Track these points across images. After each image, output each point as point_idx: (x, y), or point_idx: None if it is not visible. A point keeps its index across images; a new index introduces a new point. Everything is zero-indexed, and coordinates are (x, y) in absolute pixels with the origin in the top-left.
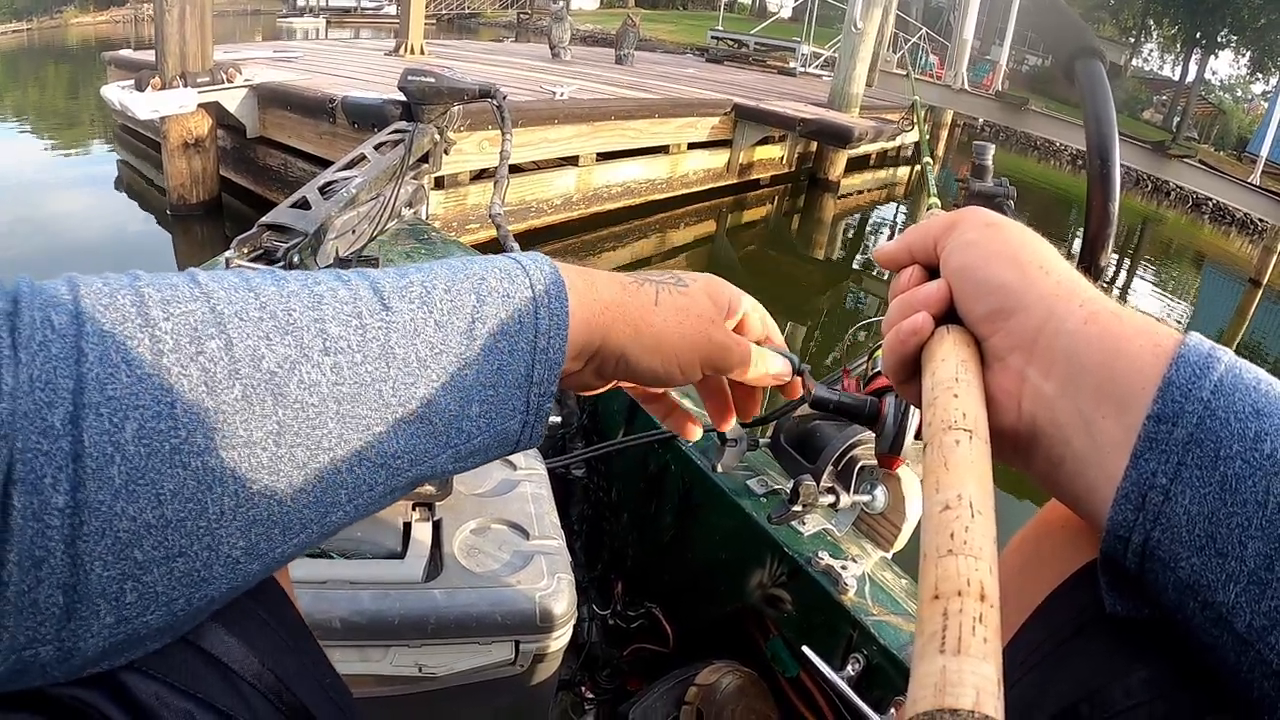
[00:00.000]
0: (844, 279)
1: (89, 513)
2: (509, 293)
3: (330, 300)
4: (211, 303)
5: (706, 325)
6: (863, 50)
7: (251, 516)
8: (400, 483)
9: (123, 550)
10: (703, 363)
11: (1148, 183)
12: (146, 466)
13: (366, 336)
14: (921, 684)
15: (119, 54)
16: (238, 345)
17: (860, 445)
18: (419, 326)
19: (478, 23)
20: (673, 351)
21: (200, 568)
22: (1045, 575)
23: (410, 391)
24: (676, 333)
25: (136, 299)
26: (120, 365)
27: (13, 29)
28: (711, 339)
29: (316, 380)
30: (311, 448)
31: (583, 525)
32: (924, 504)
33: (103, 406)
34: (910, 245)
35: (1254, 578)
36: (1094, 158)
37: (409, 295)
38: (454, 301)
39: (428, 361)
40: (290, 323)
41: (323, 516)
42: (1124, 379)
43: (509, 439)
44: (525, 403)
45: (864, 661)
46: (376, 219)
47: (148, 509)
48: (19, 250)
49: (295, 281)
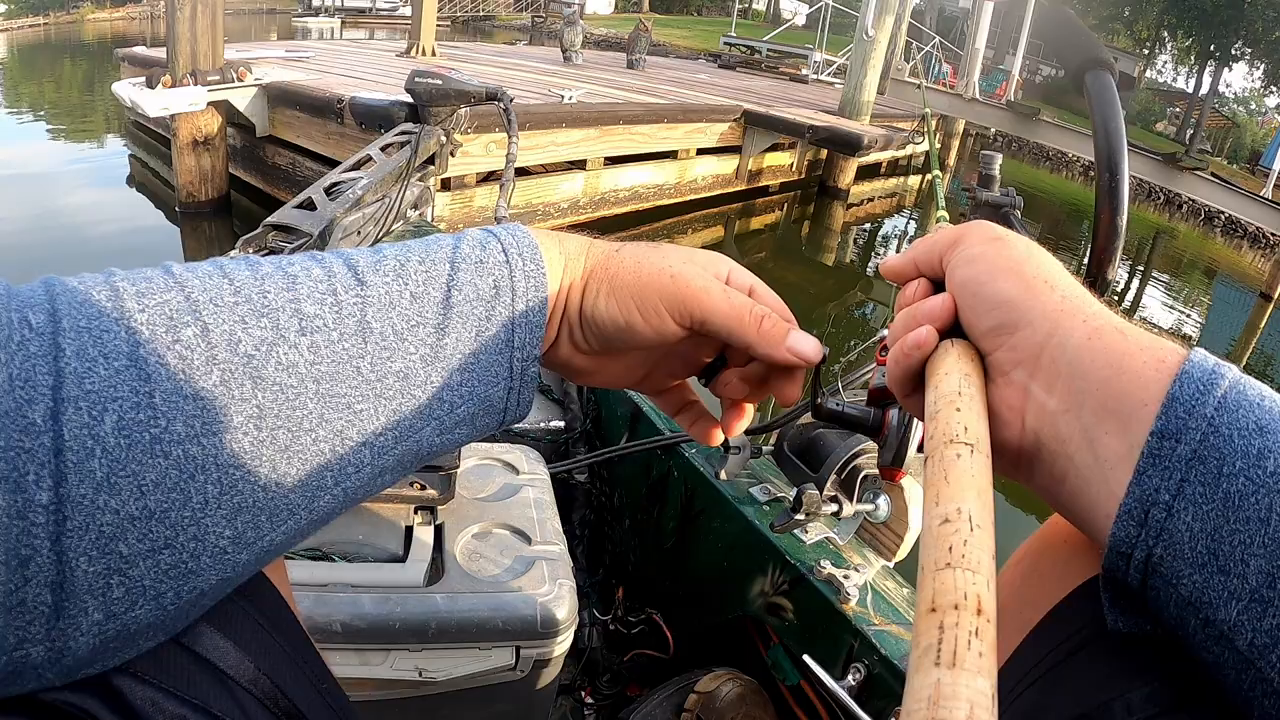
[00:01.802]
0: (853, 287)
1: (72, 507)
2: (482, 259)
3: (305, 280)
4: (186, 291)
5: (667, 264)
6: (874, 58)
7: (236, 504)
8: (388, 461)
9: (107, 544)
10: (666, 303)
11: (1160, 195)
12: (127, 458)
13: (342, 313)
14: (915, 697)
15: (132, 51)
16: (214, 331)
17: (864, 454)
18: (394, 299)
19: (492, 25)
20: (628, 293)
21: (187, 559)
22: (1047, 590)
23: (388, 365)
24: (633, 273)
25: (112, 293)
26: (98, 359)
27: (30, 24)
28: (673, 276)
29: (294, 360)
30: (293, 429)
31: (584, 530)
32: (924, 517)
33: (81, 400)
34: (916, 259)
35: (1256, 595)
36: (1102, 171)
37: (383, 269)
38: (428, 272)
39: (405, 334)
40: (265, 305)
41: (310, 501)
42: (1128, 395)
43: (495, 407)
44: (508, 368)
45: (865, 671)
46: (382, 220)
47: (130, 501)
48: (31, 244)
49: (269, 264)
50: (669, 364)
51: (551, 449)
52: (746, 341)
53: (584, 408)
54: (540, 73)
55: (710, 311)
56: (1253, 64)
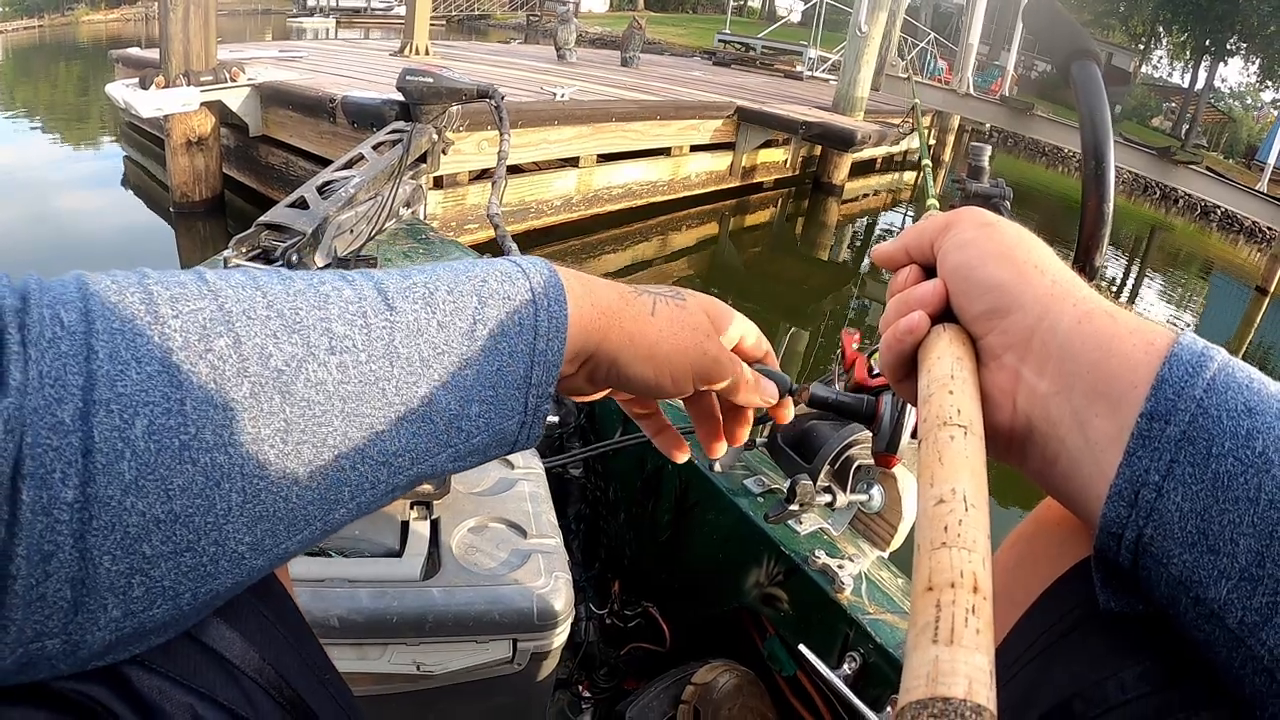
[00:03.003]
0: (847, 283)
1: (99, 507)
2: (509, 295)
3: (336, 300)
4: (219, 300)
5: (701, 338)
6: (867, 54)
7: (258, 512)
8: (400, 481)
9: (131, 545)
10: (695, 374)
11: (1156, 190)
12: (156, 462)
13: (371, 336)
14: (914, 673)
15: (127, 52)
16: (246, 343)
17: (857, 445)
18: (422, 327)
19: (487, 24)
20: (665, 361)
21: (207, 562)
22: (1040, 572)
23: (413, 391)
24: (670, 342)
25: (145, 296)
26: (130, 362)
27: (25, 26)
28: (705, 351)
29: (323, 379)
30: (317, 445)
31: (580, 525)
32: (919, 498)
33: (113, 403)
34: (907, 245)
35: (1245, 574)
36: (1088, 159)
37: (413, 296)
38: (456, 303)
39: (430, 361)
40: (297, 322)
41: (326, 514)
42: (1117, 377)
43: (507, 439)
44: (524, 404)
45: (860, 660)
46: (375, 219)
47: (157, 504)
48: (27, 245)
49: (301, 281)
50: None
51: (546, 443)
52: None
53: (578, 403)
54: (534, 71)
55: (726, 383)
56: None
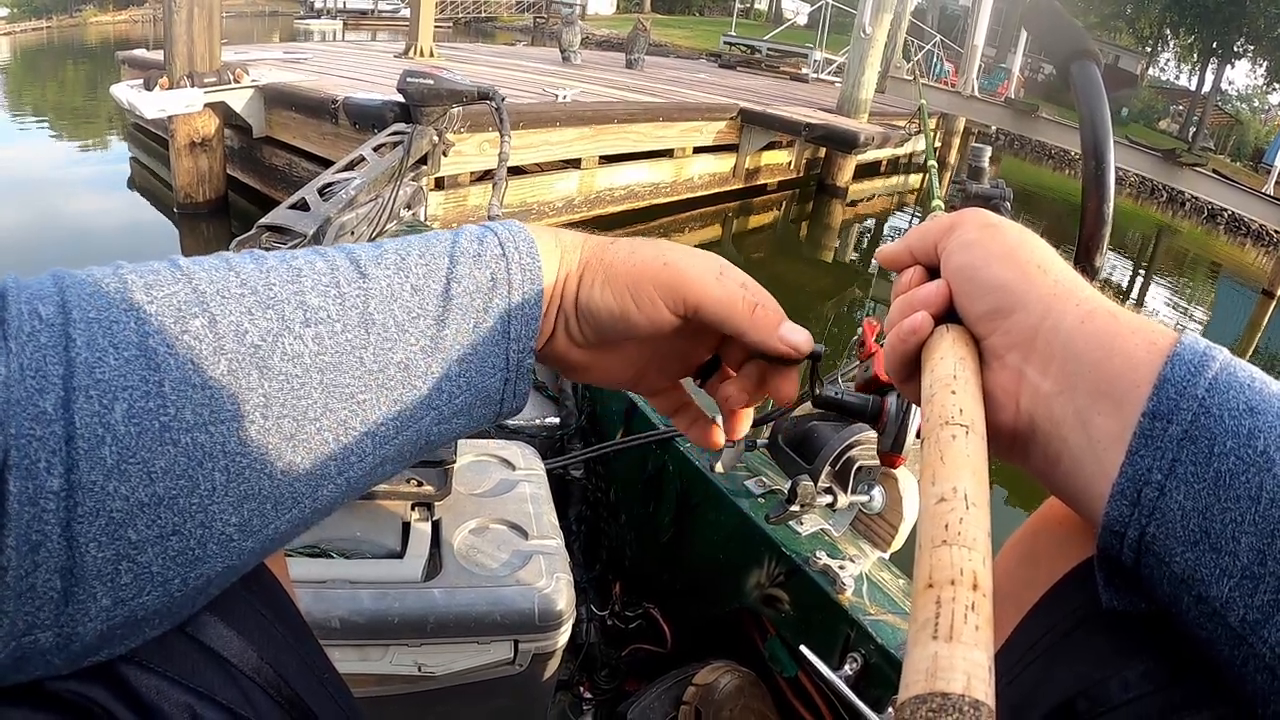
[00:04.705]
0: (852, 285)
1: (83, 494)
2: (479, 253)
3: (309, 272)
4: (193, 283)
5: (661, 250)
6: (872, 56)
7: (243, 491)
8: (389, 451)
9: (116, 530)
10: (660, 291)
11: (1162, 193)
12: (137, 445)
13: (345, 305)
14: (914, 669)
15: (133, 53)
16: (221, 322)
17: (858, 446)
18: (395, 291)
19: (494, 26)
20: (624, 281)
21: (195, 545)
22: (1043, 571)
23: (390, 356)
24: (627, 262)
25: (120, 285)
26: (108, 349)
27: (33, 27)
28: (666, 264)
29: (299, 351)
30: (298, 418)
31: (581, 526)
32: (920, 497)
33: (92, 389)
34: (911, 246)
35: (1247, 572)
36: (1088, 159)
37: (385, 262)
38: (429, 265)
39: (406, 326)
40: (271, 297)
41: (314, 490)
42: (1120, 376)
43: (491, 397)
44: (505, 359)
45: (861, 661)
46: (375, 220)
47: (140, 487)
48: (33, 245)
49: (274, 258)
50: (664, 362)
51: (547, 445)
52: (740, 329)
53: (579, 404)
54: (537, 73)
55: (703, 298)
56: (1255, 61)
